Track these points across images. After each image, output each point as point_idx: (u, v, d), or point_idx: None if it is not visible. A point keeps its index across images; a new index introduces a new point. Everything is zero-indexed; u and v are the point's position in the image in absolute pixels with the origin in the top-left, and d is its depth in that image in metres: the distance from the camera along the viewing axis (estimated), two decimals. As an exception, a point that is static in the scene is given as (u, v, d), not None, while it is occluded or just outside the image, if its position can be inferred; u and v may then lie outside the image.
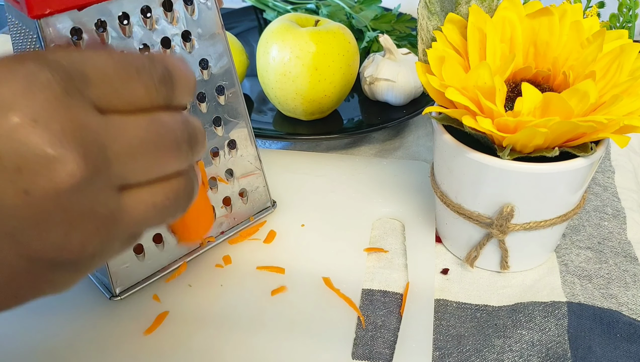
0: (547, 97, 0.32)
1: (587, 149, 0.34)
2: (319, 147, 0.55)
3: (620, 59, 0.35)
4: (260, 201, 0.44)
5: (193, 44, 0.37)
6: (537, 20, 0.37)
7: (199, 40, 0.37)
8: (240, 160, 0.42)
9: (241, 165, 0.42)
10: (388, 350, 0.35)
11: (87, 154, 0.20)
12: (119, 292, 0.37)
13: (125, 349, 0.35)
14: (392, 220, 0.45)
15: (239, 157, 0.42)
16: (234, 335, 0.36)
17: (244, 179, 0.42)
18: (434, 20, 0.39)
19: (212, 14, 0.37)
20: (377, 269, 0.41)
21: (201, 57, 0.37)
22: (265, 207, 0.45)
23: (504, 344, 0.36)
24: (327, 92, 0.52)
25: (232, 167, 0.41)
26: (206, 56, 0.38)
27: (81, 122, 0.20)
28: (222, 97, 0.39)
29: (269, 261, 0.41)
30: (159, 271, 0.39)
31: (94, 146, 0.20)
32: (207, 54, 0.38)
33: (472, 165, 0.36)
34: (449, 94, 0.34)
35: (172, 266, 0.40)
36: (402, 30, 0.66)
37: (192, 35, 0.37)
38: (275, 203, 0.45)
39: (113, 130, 0.21)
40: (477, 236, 0.39)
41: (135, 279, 0.38)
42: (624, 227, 0.44)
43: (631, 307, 0.38)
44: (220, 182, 0.41)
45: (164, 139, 0.23)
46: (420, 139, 0.56)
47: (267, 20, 0.71)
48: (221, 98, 0.39)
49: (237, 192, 0.42)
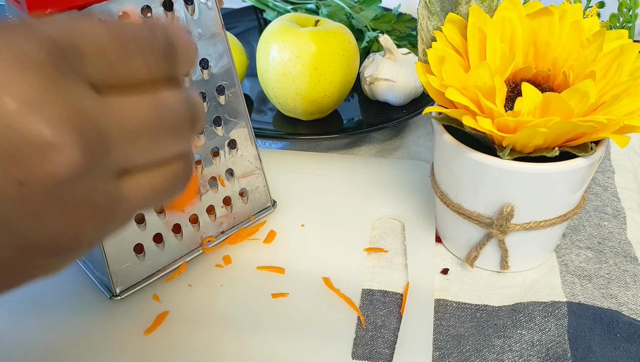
0: (547, 97, 0.32)
1: (587, 149, 0.34)
2: (319, 147, 0.55)
3: (620, 59, 0.35)
4: (261, 200, 0.44)
5: None
6: (537, 20, 0.37)
7: (200, 40, 0.37)
8: (241, 160, 0.42)
9: (241, 165, 0.42)
10: (388, 350, 0.35)
11: (85, 141, 0.18)
12: (119, 291, 0.37)
13: (125, 349, 0.35)
14: (392, 220, 0.45)
15: (239, 157, 0.42)
16: (234, 335, 0.36)
17: (244, 178, 0.42)
18: (434, 20, 0.39)
19: (213, 14, 0.37)
20: (377, 269, 0.41)
21: (201, 57, 0.38)
22: (266, 207, 0.45)
23: (504, 344, 0.36)
24: (327, 92, 0.52)
25: (233, 167, 0.41)
26: (206, 56, 0.38)
27: (77, 105, 0.18)
28: (223, 97, 0.39)
29: (269, 261, 0.41)
30: (159, 271, 0.39)
31: (92, 132, 0.19)
32: (207, 53, 0.38)
33: (472, 165, 0.36)
34: (449, 94, 0.34)
35: (172, 266, 0.40)
36: (402, 30, 0.66)
37: (193, 35, 0.37)
38: (276, 203, 0.45)
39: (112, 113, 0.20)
40: (477, 235, 0.39)
41: (136, 278, 0.38)
42: (624, 227, 0.44)
43: (631, 307, 0.38)
44: (220, 182, 0.41)
45: (166, 121, 0.21)
46: (420, 139, 0.56)
47: (267, 20, 0.71)
48: (221, 98, 0.39)
49: (238, 192, 0.42)
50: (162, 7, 0.35)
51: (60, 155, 0.18)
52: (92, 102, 0.19)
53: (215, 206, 0.41)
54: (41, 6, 0.29)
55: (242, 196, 0.43)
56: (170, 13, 0.36)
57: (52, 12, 0.30)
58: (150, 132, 0.21)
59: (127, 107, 0.20)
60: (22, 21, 0.19)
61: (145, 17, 0.34)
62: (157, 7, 0.35)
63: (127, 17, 0.25)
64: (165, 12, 0.35)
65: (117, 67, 0.20)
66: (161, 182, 0.22)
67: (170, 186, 0.23)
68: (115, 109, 0.20)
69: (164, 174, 0.22)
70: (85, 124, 0.18)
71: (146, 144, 0.21)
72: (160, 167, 0.22)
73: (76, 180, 0.18)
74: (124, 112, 0.20)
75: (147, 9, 0.34)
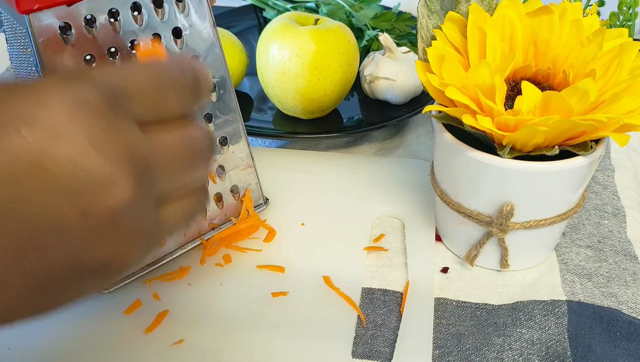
0: (547, 95, 0.32)
1: (587, 148, 0.34)
2: (318, 146, 0.55)
3: (620, 58, 0.35)
4: (253, 198, 0.44)
5: (184, 41, 0.37)
6: (537, 19, 0.37)
7: (190, 36, 0.37)
8: (232, 157, 0.42)
9: (233, 162, 0.42)
10: (388, 349, 0.35)
11: (136, 174, 0.21)
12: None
13: (125, 348, 0.35)
14: (392, 219, 0.45)
15: (231, 153, 0.41)
16: (234, 334, 0.36)
17: (236, 175, 0.42)
18: (434, 18, 0.39)
19: (203, 11, 0.37)
20: (377, 268, 0.41)
21: (193, 54, 0.38)
22: (258, 204, 0.45)
23: (504, 342, 0.36)
24: (326, 90, 0.52)
25: (224, 164, 0.41)
26: (197, 52, 0.38)
27: (129, 142, 0.21)
28: (214, 93, 0.39)
29: (269, 260, 0.41)
30: (151, 264, 0.39)
31: (141, 165, 0.21)
32: (198, 50, 0.38)
33: (472, 164, 0.36)
34: (449, 92, 0.34)
35: (166, 259, 0.40)
36: (402, 28, 0.66)
37: (183, 32, 0.37)
38: (268, 200, 0.45)
39: (154, 147, 0.22)
40: (477, 234, 0.39)
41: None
42: (623, 225, 0.44)
43: (631, 306, 0.38)
44: (211, 178, 0.41)
45: (195, 153, 0.24)
46: (420, 137, 0.56)
47: (267, 19, 0.71)
48: (213, 94, 0.39)
49: (229, 188, 0.42)
50: (152, 3, 0.35)
51: (118, 188, 0.20)
52: (139, 138, 0.22)
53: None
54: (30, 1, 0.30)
55: (233, 193, 0.43)
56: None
57: (41, 8, 0.31)
58: (183, 162, 0.24)
59: (164, 141, 0.23)
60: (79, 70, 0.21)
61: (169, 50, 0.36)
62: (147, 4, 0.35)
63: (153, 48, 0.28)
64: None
65: (156, 105, 0.23)
66: (189, 208, 0.25)
67: (195, 210, 0.26)
68: (155, 143, 0.22)
69: (190, 201, 0.25)
70: (135, 159, 0.21)
71: (179, 173, 0.24)
72: (188, 195, 0.25)
73: (129, 209, 0.21)
74: (162, 145, 0.23)
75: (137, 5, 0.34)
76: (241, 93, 0.60)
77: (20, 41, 0.33)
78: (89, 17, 0.33)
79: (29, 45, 0.32)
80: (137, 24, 0.35)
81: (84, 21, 0.33)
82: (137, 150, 0.21)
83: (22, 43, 0.33)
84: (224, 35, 0.57)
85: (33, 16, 0.31)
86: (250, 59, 0.60)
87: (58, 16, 0.32)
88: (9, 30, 0.35)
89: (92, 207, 0.20)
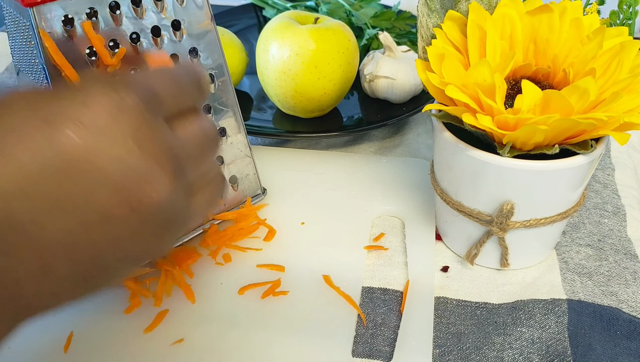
0: (547, 94, 0.32)
1: (587, 147, 0.34)
2: (318, 145, 0.55)
3: (620, 56, 0.35)
4: (251, 188, 0.44)
5: (183, 33, 0.38)
6: (537, 18, 0.37)
7: (189, 29, 0.38)
8: (230, 147, 0.42)
9: (231, 153, 0.42)
10: (388, 348, 0.35)
11: (172, 168, 0.23)
12: None
13: (125, 348, 0.35)
14: (392, 217, 0.45)
15: (229, 144, 0.42)
16: (233, 333, 0.36)
17: (234, 166, 0.43)
18: (434, 17, 0.39)
19: (202, 4, 0.38)
20: (377, 267, 0.41)
21: (191, 46, 0.38)
22: (256, 194, 0.45)
23: (504, 341, 0.36)
24: (326, 89, 0.52)
25: (222, 155, 0.42)
26: (196, 45, 0.39)
27: (163, 138, 0.23)
28: (212, 85, 0.40)
29: (269, 259, 0.41)
30: None
31: (175, 160, 0.23)
32: (196, 43, 0.39)
33: (472, 162, 0.36)
34: (449, 91, 0.34)
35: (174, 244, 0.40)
36: (402, 27, 0.66)
37: (182, 25, 0.37)
38: (266, 190, 0.46)
39: (180, 141, 0.25)
40: (477, 233, 0.39)
41: None
42: (624, 224, 0.44)
43: (631, 305, 0.38)
44: None
45: (209, 140, 0.27)
46: (420, 136, 0.56)
47: (267, 18, 0.71)
48: (211, 87, 0.40)
49: (228, 179, 0.43)
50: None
51: (160, 183, 0.22)
52: (170, 135, 0.24)
53: None
54: None
55: (232, 183, 0.43)
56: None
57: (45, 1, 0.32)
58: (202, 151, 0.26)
59: (186, 133, 0.25)
60: (119, 76, 0.24)
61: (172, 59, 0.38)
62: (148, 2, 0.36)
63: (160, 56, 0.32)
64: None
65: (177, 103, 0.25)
66: (211, 196, 0.27)
67: (215, 197, 0.28)
68: (181, 137, 0.25)
69: (210, 190, 0.27)
70: (170, 155, 0.23)
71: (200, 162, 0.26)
72: (208, 182, 0.27)
73: (167, 201, 0.23)
74: (185, 138, 0.25)
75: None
76: (241, 92, 0.60)
77: (24, 34, 0.34)
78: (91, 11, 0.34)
79: (32, 38, 0.32)
80: (137, 16, 0.35)
81: (86, 14, 0.33)
82: (170, 145, 0.23)
83: (25, 36, 0.34)
84: (223, 34, 0.57)
85: (37, 9, 0.32)
86: (250, 58, 0.60)
87: (61, 9, 0.32)
88: (11, 24, 0.35)
89: (138, 201, 0.21)
